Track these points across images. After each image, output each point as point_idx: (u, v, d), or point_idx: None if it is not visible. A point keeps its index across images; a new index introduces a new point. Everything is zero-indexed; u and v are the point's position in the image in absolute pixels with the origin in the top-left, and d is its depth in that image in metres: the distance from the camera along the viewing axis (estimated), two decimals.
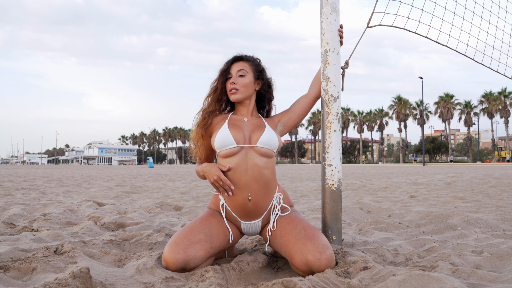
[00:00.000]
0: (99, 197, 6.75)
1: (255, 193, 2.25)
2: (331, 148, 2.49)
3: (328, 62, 2.51)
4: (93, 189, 8.47)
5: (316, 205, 5.38)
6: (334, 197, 2.46)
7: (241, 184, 2.23)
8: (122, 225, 3.60)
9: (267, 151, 2.29)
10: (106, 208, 4.89)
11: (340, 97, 2.53)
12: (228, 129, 2.30)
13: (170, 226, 3.60)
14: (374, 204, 5.23)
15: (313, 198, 6.64)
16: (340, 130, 2.52)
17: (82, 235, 3.15)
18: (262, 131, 2.32)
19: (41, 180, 12.40)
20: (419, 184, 9.87)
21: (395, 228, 3.35)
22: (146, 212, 4.65)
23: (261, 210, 2.29)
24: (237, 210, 2.28)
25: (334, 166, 2.47)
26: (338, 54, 2.52)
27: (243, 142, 2.28)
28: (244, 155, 2.26)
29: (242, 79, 2.38)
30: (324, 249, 2.02)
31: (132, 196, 6.98)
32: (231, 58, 2.43)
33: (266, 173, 2.27)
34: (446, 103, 67.72)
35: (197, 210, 4.85)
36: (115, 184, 10.30)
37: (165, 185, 10.22)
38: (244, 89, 2.38)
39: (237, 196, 2.25)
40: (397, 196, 6.69)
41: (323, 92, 2.52)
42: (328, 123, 2.51)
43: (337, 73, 2.52)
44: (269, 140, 2.30)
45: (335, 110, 2.50)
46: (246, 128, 2.35)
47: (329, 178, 2.47)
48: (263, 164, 2.27)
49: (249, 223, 2.32)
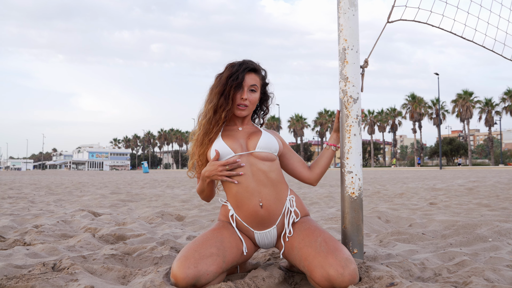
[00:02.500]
0: (93, 206, 6.76)
1: (265, 198, 2.27)
2: (351, 153, 2.49)
3: (347, 61, 2.51)
4: (86, 197, 8.48)
5: (329, 213, 5.37)
6: (354, 207, 2.46)
7: (249, 192, 2.25)
8: (122, 237, 3.60)
9: (268, 155, 2.33)
10: (103, 218, 4.90)
11: (360, 99, 2.53)
12: (223, 140, 2.33)
13: (174, 238, 3.59)
14: (391, 212, 5.23)
15: (325, 206, 6.64)
16: (360, 134, 2.52)
17: (80, 248, 3.15)
18: (258, 136, 2.37)
19: (29, 187, 12.41)
20: (438, 189, 9.85)
21: (419, 239, 3.35)
22: (147, 222, 4.66)
23: (275, 216, 2.30)
24: (249, 219, 2.29)
25: (355, 173, 2.47)
26: (357, 52, 2.53)
27: (240, 150, 2.32)
28: (245, 162, 2.29)
29: (252, 95, 2.40)
30: (347, 263, 2.02)
31: (129, 204, 6.99)
32: (244, 67, 2.39)
33: (272, 176, 2.31)
34: (464, 101, 67.60)
35: (201, 220, 4.85)
36: (109, 191, 10.30)
37: (163, 192, 10.23)
38: (252, 106, 2.42)
39: (247, 204, 2.26)
40: (415, 203, 6.68)
41: (342, 93, 2.52)
42: (347, 126, 2.51)
43: (356, 72, 2.52)
44: (267, 144, 2.34)
45: (354, 113, 2.50)
46: (241, 136, 2.39)
47: (349, 186, 2.47)
48: (267, 168, 2.31)
49: (263, 232, 2.32)
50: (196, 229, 4.25)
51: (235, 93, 2.36)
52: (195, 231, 4.13)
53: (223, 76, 2.39)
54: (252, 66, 2.42)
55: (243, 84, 2.37)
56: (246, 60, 2.44)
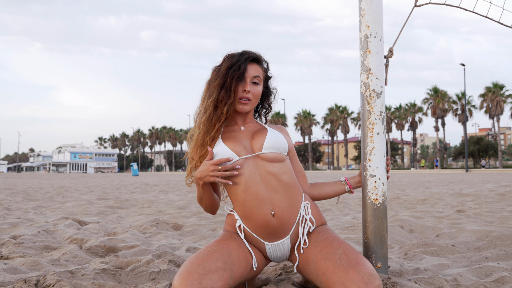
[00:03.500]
0: (78, 213, 6.76)
1: (277, 205, 2.25)
2: (373, 154, 2.48)
3: (369, 50, 2.50)
4: (69, 204, 8.48)
5: (345, 222, 5.37)
6: (378, 215, 2.45)
7: (258, 199, 2.24)
8: (113, 249, 3.59)
9: (276, 156, 2.32)
10: (90, 227, 4.90)
11: (384, 93, 2.52)
12: (224, 143, 2.33)
13: (171, 250, 3.59)
14: (415, 220, 5.22)
15: (339, 214, 6.63)
16: (384, 133, 2.51)
17: (66, 262, 3.15)
18: (264, 134, 2.36)
19: (3, 192, 12.44)
20: (465, 195, 9.83)
21: (449, 252, 3.34)
22: (140, 232, 4.66)
23: (288, 225, 2.29)
24: (259, 230, 2.28)
25: (378, 177, 2.46)
26: (381, 40, 2.52)
27: (245, 152, 2.31)
28: (251, 166, 2.28)
29: (256, 88, 2.41)
30: (371, 278, 2.00)
31: (119, 212, 7.00)
32: (246, 56, 2.40)
33: (285, 179, 2.30)
34: (494, 95, 67.46)
35: (201, 229, 4.85)
36: (95, 197, 10.32)
37: (156, 197, 10.24)
38: (255, 101, 2.43)
39: (257, 213, 2.25)
40: (440, 210, 6.67)
41: (363, 87, 2.51)
42: (369, 124, 2.50)
43: (380, 63, 2.51)
44: (275, 143, 2.33)
45: (378, 109, 2.49)
46: (243, 137, 2.38)
47: (372, 191, 2.46)
48: (277, 170, 2.30)
49: (275, 244, 2.31)
50: (196, 240, 4.24)
51: (237, 85, 2.35)
52: (195, 242, 4.12)
53: (222, 67, 2.39)
54: (254, 55, 2.43)
55: (246, 75, 2.37)
56: (247, 51, 2.45)
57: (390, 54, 2.59)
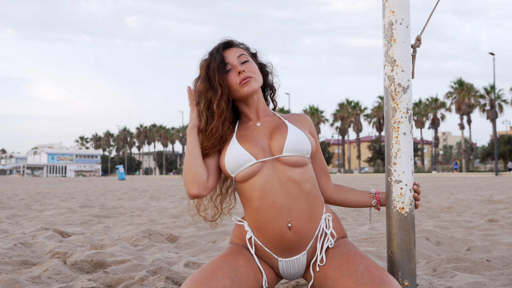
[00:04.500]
0: (59, 223, 6.77)
1: (296, 217, 2.24)
2: (399, 157, 2.46)
3: (394, 39, 2.48)
4: (48, 212, 8.49)
5: (362, 233, 5.36)
6: (404, 226, 2.43)
7: (275, 208, 2.23)
8: (102, 265, 3.59)
9: (298, 160, 2.30)
10: (73, 239, 4.89)
11: (411, 87, 2.50)
12: (239, 143, 2.32)
13: (168, 265, 3.59)
14: (441, 231, 5.21)
15: (354, 223, 6.62)
16: (411, 133, 2.49)
17: (48, 280, 3.14)
18: (284, 133, 2.33)
19: None
20: (497, 202, 9.83)
21: (484, 268, 3.33)
22: (131, 244, 4.66)
23: (306, 240, 2.28)
24: (272, 244, 2.27)
25: (405, 183, 2.44)
26: (407, 27, 2.50)
27: (262, 155, 2.29)
28: (270, 170, 2.26)
29: (249, 65, 2.39)
30: None
31: (106, 221, 7.00)
32: (217, 47, 2.41)
33: (307, 187, 2.28)
34: None
35: (199, 241, 4.85)
36: (78, 204, 10.32)
37: (147, 205, 10.25)
38: (257, 76, 2.40)
39: (272, 225, 2.23)
40: (469, 219, 6.67)
41: (387, 81, 2.49)
42: (394, 123, 2.48)
43: (406, 53, 2.49)
44: (297, 144, 2.30)
45: (404, 105, 2.47)
46: (260, 136, 2.36)
47: (398, 199, 2.44)
48: (299, 176, 2.27)
49: (289, 260, 2.31)
50: (195, 253, 4.24)
51: (222, 75, 2.34)
52: (194, 256, 4.11)
53: (201, 73, 2.41)
54: (225, 41, 2.44)
55: (226, 61, 2.37)
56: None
57: (418, 43, 2.57)
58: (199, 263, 3.64)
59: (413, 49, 2.56)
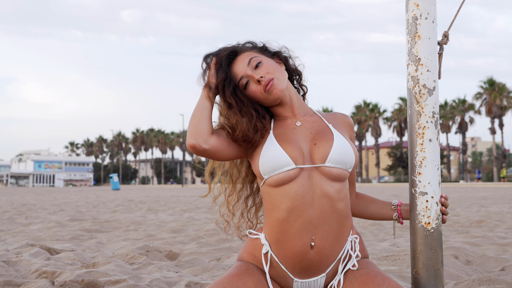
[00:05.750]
0: (47, 239, 6.77)
1: (321, 237, 2.23)
2: (424, 167, 2.45)
3: (419, 35, 2.48)
4: (35, 226, 8.49)
5: (382, 249, 5.33)
6: (431, 243, 2.42)
7: (302, 223, 2.21)
8: (94, 285, 3.59)
9: (340, 173, 2.28)
10: (63, 257, 4.89)
11: (437, 89, 2.50)
12: (278, 143, 2.28)
13: (167, 286, 3.59)
14: (471, 248, 5.18)
15: (373, 238, 6.60)
16: (438, 140, 2.49)
17: None
18: (329, 140, 2.30)
19: None
20: None
21: None
22: (126, 262, 4.65)
23: (328, 261, 2.27)
24: (290, 262, 2.25)
25: (431, 195, 2.43)
26: (433, 22, 2.49)
27: (302, 160, 2.26)
28: (306, 179, 2.24)
29: (264, 66, 2.35)
30: None
31: (99, 236, 7.00)
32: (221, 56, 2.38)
33: (340, 207, 2.26)
34: None
35: (202, 258, 4.84)
36: (67, 217, 10.34)
37: (144, 218, 10.25)
38: (278, 73, 2.36)
39: (294, 240, 2.22)
40: (502, 235, 6.64)
41: (411, 81, 2.49)
42: (419, 128, 2.47)
43: (432, 51, 2.48)
44: (343, 156, 2.28)
45: (430, 109, 2.46)
46: (301, 138, 2.33)
47: (423, 213, 2.43)
48: (335, 192, 2.25)
49: (306, 281, 2.30)
50: (197, 272, 4.23)
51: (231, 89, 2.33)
52: (196, 275, 4.11)
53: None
54: (231, 49, 2.41)
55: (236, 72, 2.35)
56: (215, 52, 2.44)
57: (445, 39, 2.57)
58: (202, 284, 3.63)
59: (439, 46, 2.56)
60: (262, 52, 2.44)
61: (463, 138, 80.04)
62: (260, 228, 2.41)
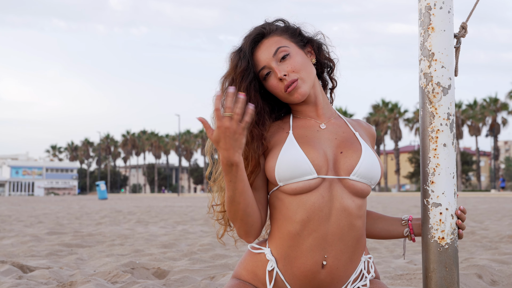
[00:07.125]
0: (20, 255, 6.78)
1: (335, 256, 2.20)
2: (438, 175, 2.44)
3: (432, 27, 2.48)
4: (7, 241, 8.50)
5: (397, 267, 5.33)
6: (445, 261, 2.41)
7: (315, 238, 2.18)
8: None
9: (364, 188, 2.25)
10: (36, 275, 4.89)
11: (453, 87, 2.49)
12: (300, 146, 2.23)
13: None
14: (498, 267, 5.15)
15: (388, 254, 6.60)
16: (453, 144, 2.48)
17: None
18: (357, 151, 2.27)
19: None
20: None
21: None
22: (108, 281, 4.65)
23: (338, 284, 2.26)
24: (299, 281, 2.23)
25: (445, 207, 2.43)
26: (449, 12, 2.49)
27: (326, 170, 2.22)
28: (326, 190, 2.20)
29: (290, 62, 2.29)
30: None
31: (79, 252, 7.01)
32: (246, 42, 2.34)
33: (358, 224, 2.24)
34: None
35: (193, 276, 4.84)
36: (45, 230, 10.36)
37: (132, 231, 10.27)
38: (305, 72, 2.31)
39: (305, 257, 2.20)
40: None
41: (423, 79, 2.49)
42: (432, 131, 2.47)
43: (448, 45, 2.48)
44: (370, 171, 2.25)
45: (444, 109, 2.46)
46: (326, 143, 2.30)
47: (436, 226, 2.43)
48: (355, 208, 2.23)
49: None
50: None
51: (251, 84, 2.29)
52: None
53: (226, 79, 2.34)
54: (257, 31, 2.36)
55: (259, 63, 2.31)
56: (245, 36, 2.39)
57: (463, 32, 2.57)
58: None
59: (456, 39, 2.56)
60: (293, 37, 2.38)
61: (495, 141, 79.86)
62: (263, 242, 2.35)
